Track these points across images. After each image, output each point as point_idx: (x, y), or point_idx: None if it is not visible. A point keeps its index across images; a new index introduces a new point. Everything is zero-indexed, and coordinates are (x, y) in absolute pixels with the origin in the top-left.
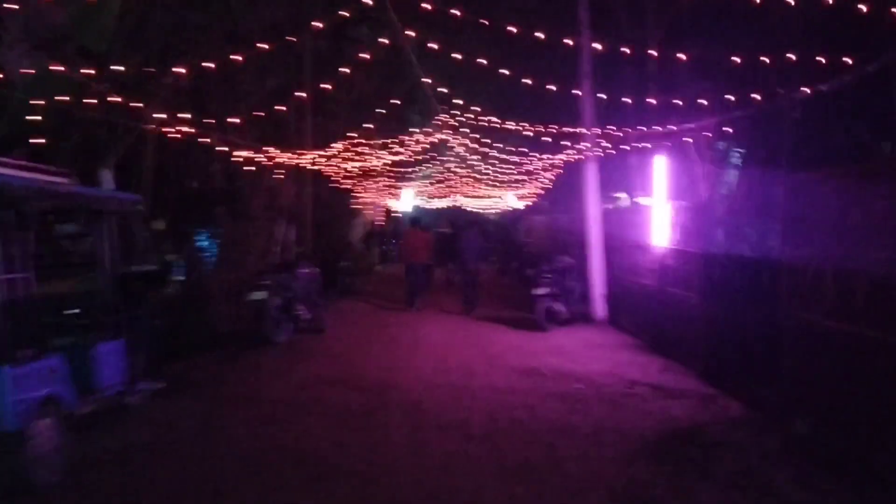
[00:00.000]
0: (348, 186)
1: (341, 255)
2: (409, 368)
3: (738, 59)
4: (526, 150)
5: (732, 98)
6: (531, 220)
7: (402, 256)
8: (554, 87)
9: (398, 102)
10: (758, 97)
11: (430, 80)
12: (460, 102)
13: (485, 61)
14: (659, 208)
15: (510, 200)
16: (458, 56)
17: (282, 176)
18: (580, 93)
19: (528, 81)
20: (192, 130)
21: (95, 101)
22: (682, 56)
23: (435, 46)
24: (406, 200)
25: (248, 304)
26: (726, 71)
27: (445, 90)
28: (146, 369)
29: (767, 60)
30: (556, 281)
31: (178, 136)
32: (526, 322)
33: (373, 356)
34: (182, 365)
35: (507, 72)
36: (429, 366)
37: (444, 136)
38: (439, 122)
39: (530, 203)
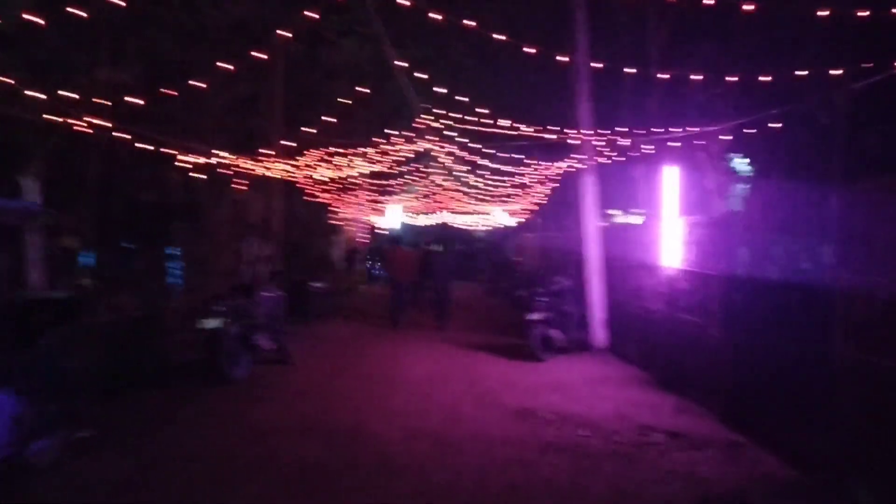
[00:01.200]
0: (326, 201)
1: (316, 275)
2: (384, 411)
3: (749, 61)
4: (520, 156)
5: (742, 103)
6: (522, 237)
7: (388, 275)
8: (548, 89)
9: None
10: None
11: (406, 73)
12: (444, 112)
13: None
14: (669, 224)
15: (500, 217)
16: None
17: (246, 188)
18: (576, 93)
19: (522, 82)
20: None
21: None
22: (686, 60)
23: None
24: (392, 217)
25: (200, 333)
26: (739, 74)
27: (440, 90)
28: (60, 419)
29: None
30: (552, 305)
31: (125, 141)
32: (519, 350)
33: (344, 394)
34: (121, 407)
35: (496, 74)
36: (408, 407)
37: (427, 144)
38: (422, 127)
39: (521, 220)
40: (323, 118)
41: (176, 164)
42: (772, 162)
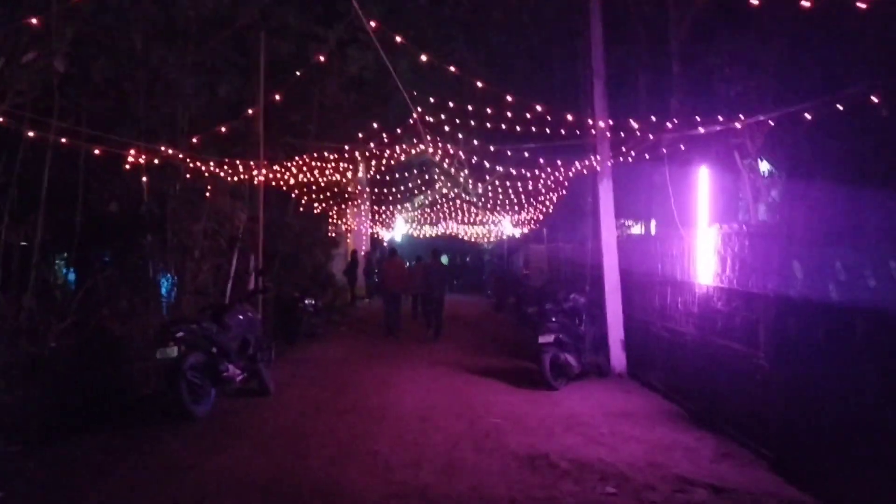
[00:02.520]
0: (325, 212)
1: (312, 290)
2: (367, 459)
3: (790, 48)
4: (526, 155)
5: (782, 97)
6: (529, 249)
7: (381, 285)
8: (559, 86)
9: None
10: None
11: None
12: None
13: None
14: (700, 234)
15: (506, 227)
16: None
17: (228, 197)
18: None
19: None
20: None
21: None
22: (712, 50)
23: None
24: (397, 229)
25: (157, 363)
26: (773, 66)
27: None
28: None
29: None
30: (565, 325)
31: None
32: (527, 375)
33: (322, 436)
34: (55, 455)
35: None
36: (396, 454)
37: (429, 149)
38: (423, 132)
39: (528, 230)
40: (315, 120)
41: (148, 171)
42: (818, 161)
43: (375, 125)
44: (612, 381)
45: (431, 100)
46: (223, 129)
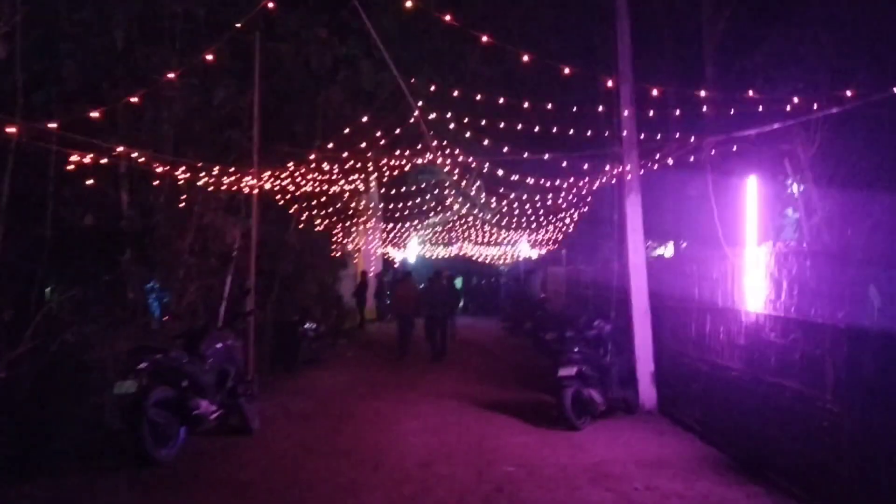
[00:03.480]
0: (329, 230)
1: (316, 312)
2: None
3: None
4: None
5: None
6: (547, 271)
7: (393, 307)
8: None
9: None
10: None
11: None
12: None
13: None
14: (749, 253)
15: (522, 249)
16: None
17: (220, 211)
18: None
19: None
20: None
21: None
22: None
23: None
24: (410, 250)
25: (115, 399)
26: (825, 64)
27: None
28: None
29: None
30: (589, 356)
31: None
32: (545, 411)
33: (306, 486)
34: None
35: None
36: None
37: (435, 158)
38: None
39: (546, 251)
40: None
41: (129, 181)
42: (879, 170)
43: (380, 137)
44: (642, 420)
45: (448, 115)
46: (215, 138)
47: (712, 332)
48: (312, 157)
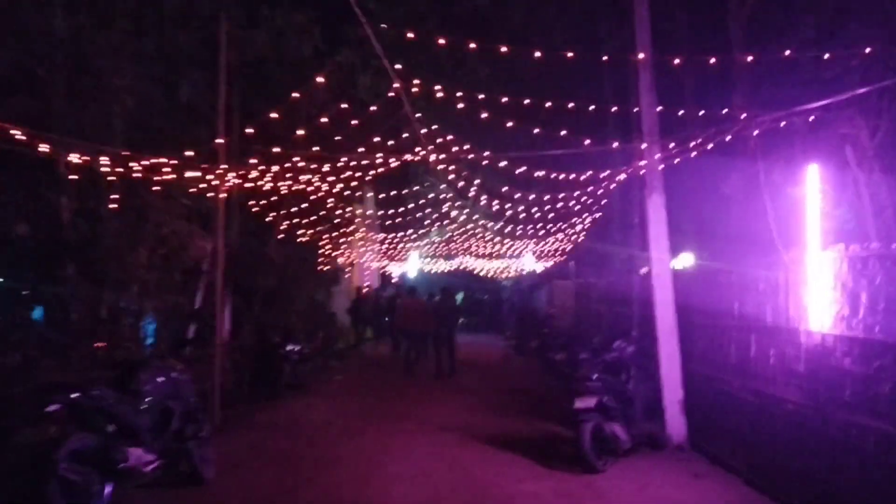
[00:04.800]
0: (314, 242)
1: (305, 332)
2: None
3: None
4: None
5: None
6: (554, 285)
7: (398, 323)
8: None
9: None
10: None
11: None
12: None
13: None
14: (812, 259)
15: (527, 262)
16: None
17: (182, 220)
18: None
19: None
20: None
21: None
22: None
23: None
24: (410, 264)
25: (17, 450)
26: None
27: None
28: None
29: None
30: (610, 384)
31: None
32: (558, 448)
33: None
34: None
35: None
36: None
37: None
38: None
39: (552, 264)
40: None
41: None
42: None
43: (370, 135)
44: (671, 457)
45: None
46: (178, 137)
47: (759, 356)
48: (292, 157)
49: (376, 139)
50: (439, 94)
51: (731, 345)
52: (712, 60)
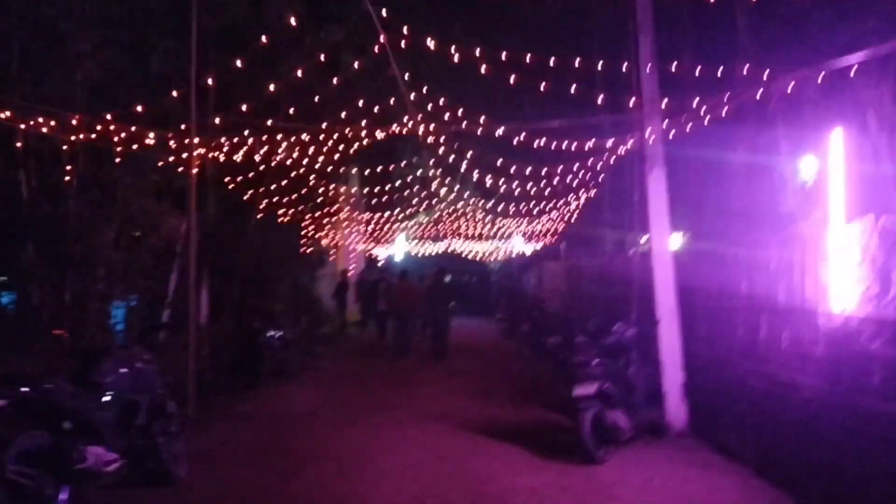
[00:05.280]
0: (296, 222)
1: (273, 319)
2: None
3: None
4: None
5: None
6: (544, 267)
7: (389, 306)
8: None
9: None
10: None
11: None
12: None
13: None
14: (835, 233)
15: (516, 244)
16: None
17: (152, 197)
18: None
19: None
20: None
21: None
22: None
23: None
24: (398, 246)
25: None
26: None
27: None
28: None
29: None
30: (611, 370)
31: None
32: (554, 436)
33: None
34: None
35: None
36: None
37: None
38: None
39: (542, 245)
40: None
41: (34, 157)
42: None
43: (355, 106)
44: (674, 445)
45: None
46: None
47: (769, 339)
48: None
49: (360, 102)
50: (430, 46)
51: (738, 327)
52: None
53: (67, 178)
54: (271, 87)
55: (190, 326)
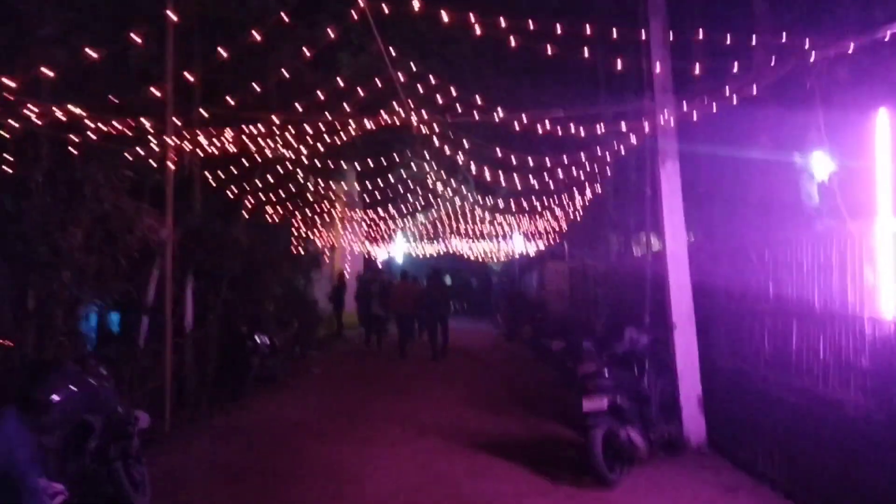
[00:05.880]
0: (286, 221)
1: (260, 324)
2: None
3: None
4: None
5: None
6: (546, 267)
7: (392, 307)
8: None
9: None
10: None
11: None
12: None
13: None
14: (884, 228)
15: (517, 243)
16: None
17: (125, 195)
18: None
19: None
20: None
21: None
22: None
23: None
24: (396, 247)
25: None
26: None
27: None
28: None
29: None
30: (623, 381)
31: None
32: (560, 453)
33: None
34: None
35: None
36: None
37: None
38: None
39: (544, 245)
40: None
41: None
42: None
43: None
44: (693, 463)
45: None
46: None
47: (803, 347)
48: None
49: (341, 82)
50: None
51: (766, 333)
52: None
53: (32, 173)
54: (255, 76)
55: (166, 334)
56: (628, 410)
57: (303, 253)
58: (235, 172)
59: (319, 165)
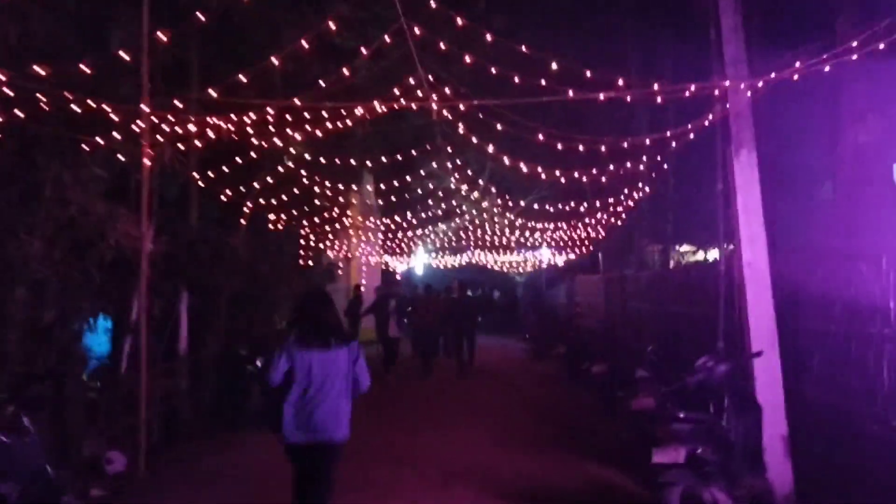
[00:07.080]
0: (291, 229)
1: (261, 345)
2: None
3: None
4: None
5: None
6: (577, 280)
7: (415, 323)
8: None
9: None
10: None
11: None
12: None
13: None
14: None
15: (544, 254)
16: None
17: (99, 198)
18: None
19: None
20: None
21: None
22: None
23: None
24: (417, 260)
25: None
26: None
27: None
28: None
29: None
30: (703, 426)
31: None
32: None
33: None
34: None
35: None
36: None
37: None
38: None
39: (574, 256)
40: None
41: None
42: None
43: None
44: None
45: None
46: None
47: None
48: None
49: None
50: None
51: (883, 363)
52: None
53: None
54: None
55: (142, 362)
56: (711, 464)
57: (313, 265)
58: (230, 170)
59: (324, 162)
